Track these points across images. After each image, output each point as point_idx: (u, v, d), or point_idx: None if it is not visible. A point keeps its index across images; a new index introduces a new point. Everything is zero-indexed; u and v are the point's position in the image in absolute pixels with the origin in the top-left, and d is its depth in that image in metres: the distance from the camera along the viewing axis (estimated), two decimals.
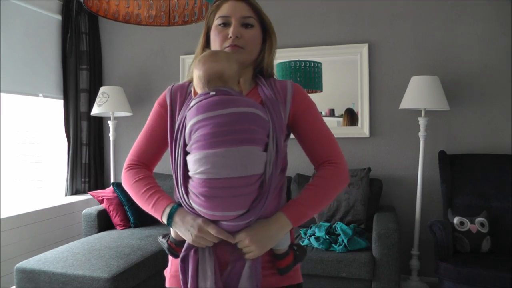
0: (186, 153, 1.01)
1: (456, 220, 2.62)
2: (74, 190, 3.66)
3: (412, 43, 3.17)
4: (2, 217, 2.79)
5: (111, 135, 3.58)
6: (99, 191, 3.28)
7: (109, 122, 3.59)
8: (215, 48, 1.13)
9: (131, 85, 3.85)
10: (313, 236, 2.73)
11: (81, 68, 3.69)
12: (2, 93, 3.07)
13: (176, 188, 1.04)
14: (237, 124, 0.96)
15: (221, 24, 1.12)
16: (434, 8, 3.11)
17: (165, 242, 1.10)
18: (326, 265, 2.50)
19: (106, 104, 3.41)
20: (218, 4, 1.14)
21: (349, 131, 3.30)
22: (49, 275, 2.27)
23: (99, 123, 3.92)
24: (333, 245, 2.62)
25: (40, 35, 3.43)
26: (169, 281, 1.14)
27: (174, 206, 1.04)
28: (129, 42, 3.87)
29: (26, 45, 3.29)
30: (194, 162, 0.97)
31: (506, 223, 2.65)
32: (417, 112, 3.07)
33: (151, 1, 1.54)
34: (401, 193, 3.19)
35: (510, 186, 2.73)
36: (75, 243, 2.68)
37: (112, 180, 3.59)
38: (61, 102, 3.62)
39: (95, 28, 3.85)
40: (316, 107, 1.17)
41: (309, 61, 3.16)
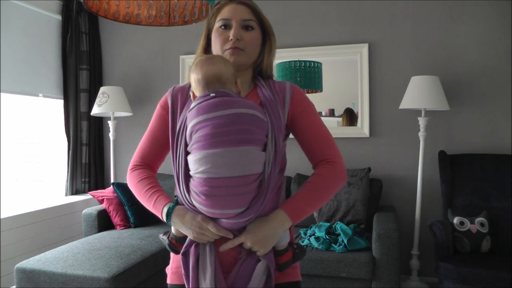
0: (187, 153, 1.04)
1: (456, 220, 2.62)
2: (74, 190, 3.66)
3: (412, 43, 3.17)
4: (2, 217, 2.79)
5: (111, 135, 3.58)
6: (99, 191, 3.28)
7: (109, 122, 3.59)
8: (216, 50, 1.16)
9: (131, 85, 3.85)
10: (313, 236, 2.73)
11: (81, 68, 3.69)
12: (2, 93, 3.07)
13: (177, 186, 1.07)
14: (236, 125, 0.98)
15: (222, 27, 1.14)
16: (434, 8, 3.11)
17: (166, 238, 1.13)
18: (326, 265, 2.50)
19: (106, 104, 3.41)
20: (219, 7, 1.17)
21: (349, 131, 3.30)
22: (49, 275, 2.27)
23: (99, 123, 3.92)
24: (333, 245, 2.62)
25: (40, 35, 3.43)
26: (170, 277, 1.17)
27: (171, 205, 1.07)
28: (129, 42, 3.87)
29: (26, 45, 3.29)
30: (194, 162, 1.00)
31: (506, 223, 2.65)
32: (417, 112, 3.07)
33: (151, 1, 1.53)
34: (401, 193, 3.19)
35: (510, 186, 2.73)
36: (75, 243, 2.68)
37: (112, 180, 3.59)
38: (61, 102, 3.62)
39: (95, 28, 3.85)
40: (314, 108, 1.19)
41: (309, 61, 3.15)
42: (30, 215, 3.00)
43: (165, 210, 1.07)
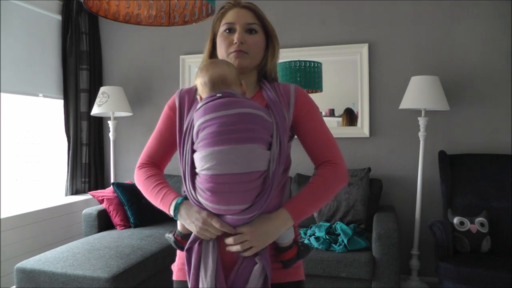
0: (193, 151, 1.08)
1: (456, 220, 2.62)
2: (74, 190, 3.66)
3: (412, 43, 3.17)
4: (2, 217, 2.79)
5: (111, 135, 3.58)
6: (99, 191, 3.28)
7: (109, 122, 3.59)
8: (221, 53, 1.20)
9: (131, 85, 3.85)
10: (313, 236, 2.73)
11: (81, 68, 3.69)
12: (2, 93, 3.07)
13: (184, 184, 1.10)
14: (241, 124, 1.02)
15: (227, 30, 1.18)
16: (434, 8, 3.11)
17: (172, 236, 1.17)
18: (326, 265, 2.50)
19: (106, 104, 3.41)
20: (223, 11, 1.21)
21: (349, 131, 3.30)
22: (49, 275, 2.27)
23: (99, 123, 3.92)
24: (333, 245, 2.62)
25: (40, 35, 3.43)
26: (176, 274, 1.20)
27: (180, 199, 1.11)
28: (129, 42, 3.87)
29: (26, 45, 3.29)
30: (200, 159, 1.03)
31: (506, 223, 2.65)
32: (417, 112, 3.07)
33: (151, 1, 1.53)
34: (401, 193, 3.19)
35: (510, 186, 2.73)
36: (75, 243, 2.68)
37: (112, 180, 3.59)
38: (61, 102, 3.62)
39: (95, 28, 3.85)
40: (318, 110, 1.22)
41: (309, 61, 3.15)
42: (30, 215, 3.00)
43: (174, 203, 1.10)
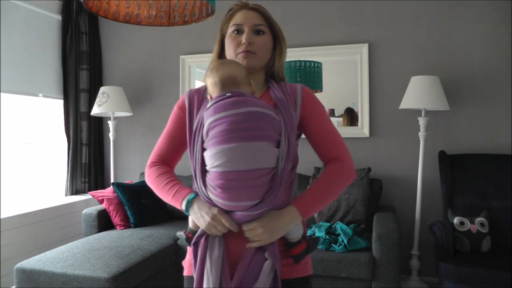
0: (203, 149, 1.11)
1: (456, 220, 2.62)
2: (74, 190, 3.66)
3: (412, 43, 3.17)
4: (2, 217, 2.79)
5: (111, 135, 3.58)
6: (99, 191, 3.28)
7: (109, 122, 3.59)
8: (229, 54, 1.23)
9: (131, 85, 3.85)
10: (313, 236, 2.72)
11: (81, 68, 3.69)
12: (2, 93, 3.07)
13: (194, 181, 1.14)
14: (250, 122, 1.06)
15: (235, 32, 1.22)
16: (434, 8, 3.11)
17: (183, 233, 1.22)
18: (326, 265, 2.50)
19: (106, 104, 3.41)
20: (231, 13, 1.25)
21: (349, 131, 3.30)
22: (49, 275, 2.27)
23: (99, 123, 3.92)
24: (333, 245, 2.62)
25: (40, 35, 3.43)
26: (187, 269, 1.24)
27: (193, 194, 1.15)
28: (129, 42, 3.87)
29: (26, 45, 3.29)
30: (211, 157, 1.07)
31: (506, 223, 2.65)
32: (417, 112, 3.07)
33: (151, 1, 1.53)
34: (401, 193, 3.19)
35: (510, 186, 2.73)
36: (75, 243, 2.68)
37: (112, 180, 3.59)
38: (61, 102, 3.62)
39: (95, 28, 3.85)
40: (324, 109, 1.26)
41: (309, 61, 3.15)
42: (30, 215, 3.00)
43: (187, 198, 1.14)
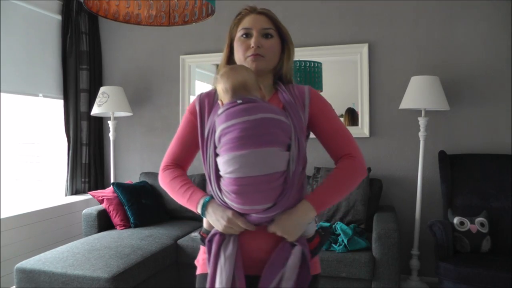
0: (216, 155, 1.14)
1: (456, 220, 2.62)
2: (74, 190, 3.66)
3: (412, 43, 3.17)
4: (2, 217, 2.79)
5: (111, 135, 3.58)
6: (99, 191, 3.28)
7: (109, 122, 3.59)
8: (238, 57, 1.26)
9: (131, 85, 3.85)
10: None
11: (81, 68, 3.69)
12: (2, 93, 3.07)
13: (209, 185, 1.17)
14: (261, 129, 1.09)
15: (244, 35, 1.25)
16: (434, 8, 3.11)
17: (198, 234, 1.26)
18: (326, 265, 2.50)
19: (106, 104, 3.41)
20: (240, 17, 1.28)
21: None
22: (49, 275, 2.27)
23: (99, 123, 3.92)
24: (333, 245, 2.62)
25: (40, 35, 3.43)
26: (200, 268, 1.27)
27: (207, 198, 1.18)
28: (129, 42, 3.87)
29: (26, 45, 3.29)
30: (224, 163, 1.10)
31: (506, 223, 2.65)
32: (417, 112, 3.06)
33: (151, 1, 1.53)
34: (401, 193, 3.19)
35: (510, 186, 2.73)
36: (75, 243, 2.68)
37: (112, 180, 3.59)
38: (61, 102, 3.62)
39: (95, 28, 3.85)
40: (332, 108, 1.29)
41: (309, 61, 3.16)
42: (30, 215, 3.00)
43: (202, 201, 1.17)
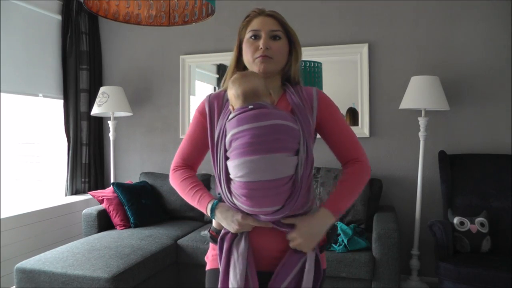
0: (226, 158, 1.17)
1: (456, 220, 2.62)
2: (74, 190, 3.66)
3: (412, 43, 3.17)
4: (2, 217, 2.79)
5: (111, 135, 3.58)
6: (99, 191, 3.28)
7: (109, 122, 3.59)
8: (247, 59, 1.28)
9: (131, 85, 3.85)
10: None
11: (81, 68, 3.69)
12: (2, 93, 3.07)
13: (219, 188, 1.21)
14: (270, 135, 1.12)
15: (252, 37, 1.27)
16: (434, 8, 3.11)
17: (208, 232, 1.30)
18: (327, 265, 2.49)
19: (106, 104, 3.41)
20: (249, 19, 1.31)
21: None
22: (49, 275, 2.27)
23: (99, 123, 3.92)
24: (333, 245, 2.61)
25: (40, 35, 3.43)
26: (210, 263, 1.31)
27: (214, 202, 1.22)
28: (129, 42, 3.87)
29: (26, 45, 3.29)
30: (234, 167, 1.14)
31: (506, 223, 2.65)
32: (417, 112, 3.06)
33: (151, 1, 1.54)
34: (401, 193, 3.19)
35: (510, 186, 2.73)
36: (75, 243, 2.68)
37: (112, 180, 3.59)
38: (61, 102, 3.62)
39: (95, 28, 3.85)
40: (340, 111, 1.32)
41: (309, 61, 3.15)
42: (30, 215, 3.00)
43: (209, 206, 1.21)
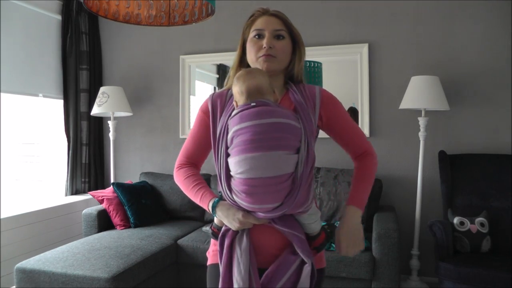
0: (227, 155, 1.18)
1: (456, 220, 2.62)
2: (74, 190, 3.66)
3: (412, 43, 3.17)
4: (2, 217, 2.79)
5: (111, 135, 3.58)
6: (99, 191, 3.28)
7: (109, 122, 3.59)
8: (250, 58, 1.29)
9: (131, 85, 3.85)
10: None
11: (81, 68, 3.69)
12: (2, 93, 3.07)
13: (220, 185, 1.21)
14: (271, 133, 1.13)
15: (256, 36, 1.28)
16: (434, 8, 3.11)
17: (209, 228, 1.31)
18: (326, 265, 2.49)
19: (106, 104, 3.41)
20: (253, 19, 1.31)
21: None
22: (49, 275, 2.27)
23: (99, 123, 3.92)
24: (333, 245, 2.61)
25: (40, 35, 3.43)
26: (211, 258, 1.33)
27: (215, 201, 1.23)
28: (129, 42, 3.87)
29: (26, 45, 3.29)
30: (235, 164, 1.14)
31: (506, 223, 2.65)
32: (417, 112, 3.06)
33: (151, 1, 1.54)
34: (401, 193, 3.19)
35: (510, 186, 2.73)
36: (75, 243, 2.68)
37: (112, 180, 3.59)
38: (61, 102, 3.62)
39: (95, 28, 3.84)
40: (344, 108, 1.34)
41: (309, 61, 3.14)
42: (30, 215, 3.00)
43: (211, 204, 1.23)
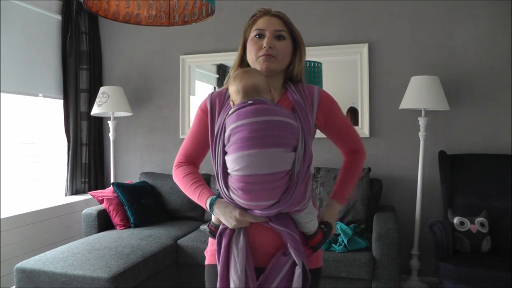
0: (224, 153, 1.19)
1: (456, 220, 2.62)
2: (74, 190, 3.66)
3: (412, 43, 3.17)
4: (2, 217, 2.79)
5: (111, 135, 3.58)
6: (99, 191, 3.28)
7: (109, 122, 3.59)
8: (251, 57, 1.30)
9: (131, 85, 3.85)
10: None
11: (81, 68, 3.69)
12: (2, 93, 3.07)
13: (217, 182, 1.22)
14: (268, 130, 1.13)
15: (257, 36, 1.29)
16: (434, 8, 3.11)
17: (207, 227, 1.32)
18: (326, 265, 2.50)
19: (106, 104, 3.41)
20: (254, 19, 1.32)
21: None
22: (49, 275, 2.27)
23: (99, 123, 3.92)
24: (333, 245, 2.62)
25: (40, 35, 3.43)
26: (208, 258, 1.33)
27: (213, 198, 1.24)
28: (129, 42, 3.87)
29: (26, 45, 3.29)
30: (232, 161, 1.15)
31: (506, 223, 2.65)
32: (417, 112, 3.06)
33: (151, 1, 1.54)
34: (401, 193, 3.19)
35: (510, 186, 2.73)
36: (75, 243, 2.68)
37: (112, 180, 3.59)
38: (61, 102, 3.62)
39: (95, 28, 3.84)
40: (340, 108, 1.37)
41: (309, 61, 3.15)
42: (30, 215, 3.00)
43: (208, 201, 1.24)
